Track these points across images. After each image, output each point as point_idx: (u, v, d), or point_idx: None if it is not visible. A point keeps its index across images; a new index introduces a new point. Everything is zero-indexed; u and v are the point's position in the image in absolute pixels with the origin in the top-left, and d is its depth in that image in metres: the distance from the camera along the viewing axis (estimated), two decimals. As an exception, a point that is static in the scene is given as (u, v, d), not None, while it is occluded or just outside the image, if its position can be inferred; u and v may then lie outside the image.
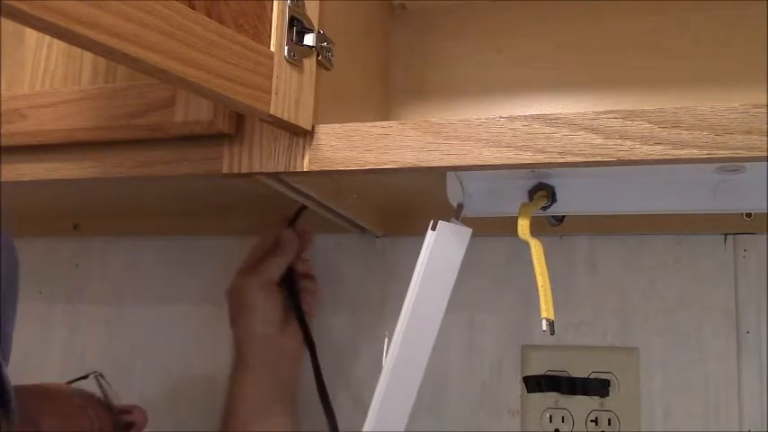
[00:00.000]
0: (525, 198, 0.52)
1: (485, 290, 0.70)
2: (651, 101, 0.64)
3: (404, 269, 0.74)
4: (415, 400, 0.49)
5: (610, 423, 0.64)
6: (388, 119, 0.70)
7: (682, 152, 0.40)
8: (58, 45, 0.55)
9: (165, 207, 0.80)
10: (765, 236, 0.64)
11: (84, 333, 0.85)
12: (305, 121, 0.47)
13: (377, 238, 0.75)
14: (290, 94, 0.45)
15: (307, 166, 0.48)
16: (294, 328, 0.68)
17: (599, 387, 0.65)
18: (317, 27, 0.48)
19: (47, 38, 0.54)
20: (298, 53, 0.46)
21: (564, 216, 0.57)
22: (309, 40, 0.47)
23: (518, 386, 0.68)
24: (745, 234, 0.65)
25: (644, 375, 0.65)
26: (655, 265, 0.66)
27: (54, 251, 0.87)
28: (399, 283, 0.74)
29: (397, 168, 0.45)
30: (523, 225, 0.47)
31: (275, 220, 0.69)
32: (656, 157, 0.41)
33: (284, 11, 0.45)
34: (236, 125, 0.50)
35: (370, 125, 0.46)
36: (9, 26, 0.55)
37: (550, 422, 0.66)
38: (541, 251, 0.45)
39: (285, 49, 0.45)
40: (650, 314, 0.66)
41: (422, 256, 0.48)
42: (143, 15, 0.35)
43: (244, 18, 0.42)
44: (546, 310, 0.44)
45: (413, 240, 0.47)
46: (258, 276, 0.66)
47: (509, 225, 0.49)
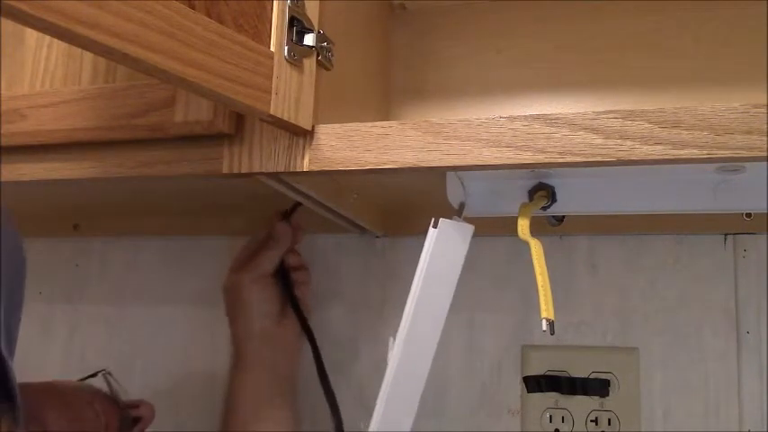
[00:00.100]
0: (525, 198, 0.52)
1: (485, 290, 0.70)
2: (651, 101, 0.64)
3: (404, 269, 0.75)
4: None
5: (610, 423, 0.64)
6: (388, 119, 0.70)
7: (682, 152, 0.40)
8: (58, 45, 0.55)
9: (165, 207, 0.80)
10: (765, 236, 0.64)
11: (84, 333, 0.85)
12: (305, 121, 0.47)
13: (377, 238, 0.75)
14: (290, 94, 0.45)
15: (307, 166, 0.48)
16: (291, 319, 0.67)
17: (599, 387, 0.65)
18: (317, 27, 0.48)
19: (47, 38, 0.54)
20: (298, 53, 0.46)
21: (564, 216, 0.57)
22: (309, 40, 0.47)
23: (518, 386, 0.68)
24: (745, 234, 0.65)
25: (644, 375, 0.65)
26: (655, 265, 0.66)
27: (54, 251, 0.87)
28: (399, 283, 0.74)
29: (397, 168, 0.45)
30: (523, 225, 0.47)
31: (271, 218, 0.69)
32: (656, 157, 0.41)
33: (284, 11, 0.45)
34: (236, 125, 0.50)
35: (370, 125, 0.46)
36: (9, 26, 0.55)
37: (550, 422, 0.66)
38: (541, 251, 0.45)
39: (285, 49, 0.45)
40: (650, 314, 0.66)
41: (424, 253, 0.47)
42: (143, 15, 0.35)
43: (244, 18, 0.42)
44: (546, 310, 0.44)
45: (413, 240, 0.47)
46: (252, 271, 0.65)
47: (509, 225, 0.49)
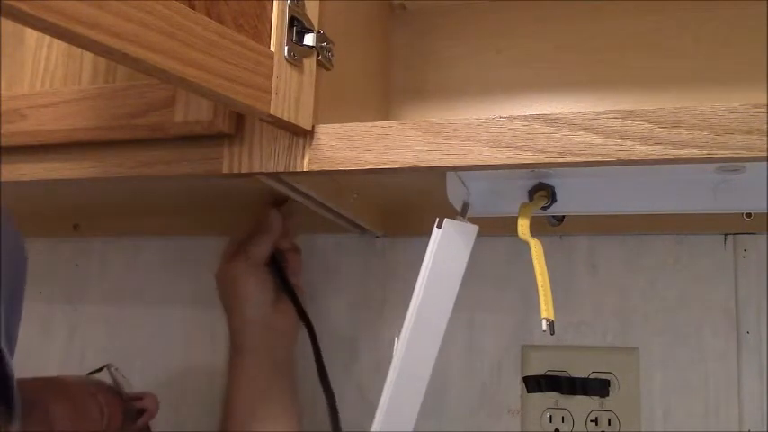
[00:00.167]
0: (525, 198, 0.52)
1: (485, 290, 0.70)
2: (651, 101, 0.64)
3: (404, 269, 0.75)
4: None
5: (610, 423, 0.64)
6: (388, 119, 0.70)
7: (682, 152, 0.40)
8: (58, 45, 0.54)
9: (165, 207, 0.80)
10: (765, 236, 0.64)
11: (84, 333, 0.85)
12: (305, 121, 0.47)
13: (377, 238, 0.75)
14: (290, 94, 0.45)
15: (307, 166, 0.48)
16: (286, 305, 0.67)
17: (599, 387, 0.65)
18: (317, 27, 0.48)
19: (47, 38, 0.54)
20: (298, 53, 0.46)
21: (564, 216, 0.57)
22: (309, 40, 0.47)
23: (518, 386, 0.68)
24: (745, 234, 0.65)
25: (644, 375, 0.65)
26: (655, 265, 0.66)
27: (54, 251, 0.87)
28: (399, 283, 0.74)
29: (397, 168, 0.45)
30: (523, 225, 0.47)
31: (263, 206, 0.68)
32: (656, 157, 0.41)
33: (284, 11, 0.45)
34: (236, 125, 0.50)
35: (370, 125, 0.46)
36: (9, 26, 0.55)
37: (550, 422, 0.66)
38: (541, 251, 0.45)
39: (285, 49, 0.45)
40: (650, 314, 0.66)
41: (428, 254, 0.47)
42: (143, 15, 0.35)
43: (244, 18, 0.42)
44: (546, 310, 0.44)
45: (413, 240, 0.47)
46: (245, 260, 0.64)
47: (509, 225, 0.49)
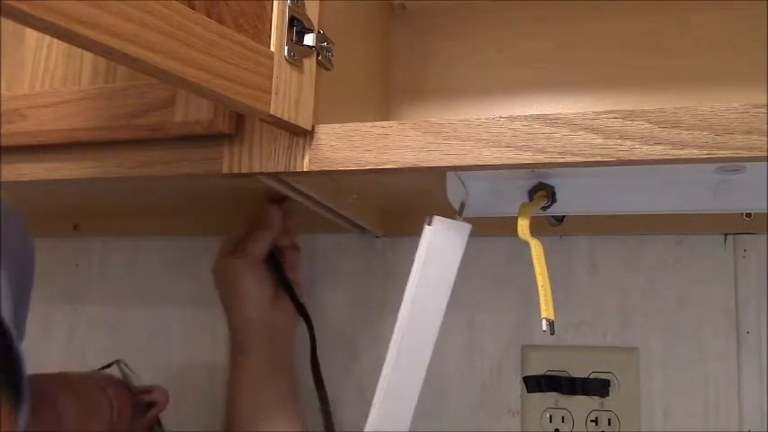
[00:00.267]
0: (525, 198, 0.52)
1: (485, 290, 0.70)
2: (651, 101, 0.64)
3: (404, 269, 0.73)
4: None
5: (610, 423, 0.64)
6: (388, 119, 0.70)
7: (682, 152, 0.40)
8: (58, 45, 0.54)
9: (165, 207, 0.80)
10: (765, 236, 0.64)
11: (85, 333, 0.85)
12: (305, 121, 0.47)
13: (377, 238, 0.75)
14: (290, 94, 0.45)
15: (307, 166, 0.48)
16: (285, 302, 0.67)
17: (599, 387, 0.65)
18: (316, 27, 0.48)
19: (47, 38, 0.54)
20: (298, 53, 0.46)
21: (564, 216, 0.57)
22: (309, 40, 0.47)
23: (518, 386, 0.68)
24: (745, 234, 0.65)
25: (644, 375, 0.65)
26: (655, 265, 0.66)
27: (54, 251, 0.87)
28: (399, 283, 0.73)
29: (397, 168, 0.45)
30: (523, 225, 0.47)
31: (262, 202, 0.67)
32: (656, 157, 0.41)
33: (284, 11, 0.45)
34: (236, 125, 0.50)
35: (370, 125, 0.46)
36: (9, 26, 0.55)
37: (550, 422, 0.66)
38: (541, 251, 0.45)
39: (285, 49, 0.45)
40: (650, 314, 0.66)
41: (419, 252, 0.48)
42: (143, 15, 0.35)
43: (244, 18, 0.42)
44: (546, 310, 0.44)
45: (413, 240, 0.47)
46: (243, 256, 0.64)
47: (509, 225, 0.49)
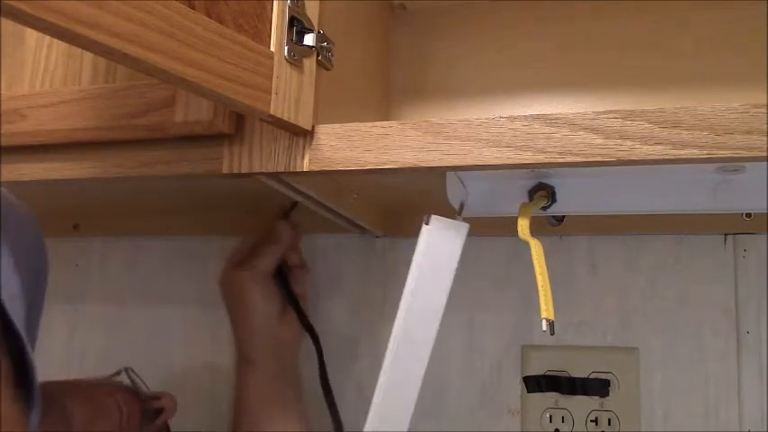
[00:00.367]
0: (525, 198, 0.52)
1: (485, 290, 0.70)
2: (651, 101, 0.64)
3: (404, 269, 0.73)
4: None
5: (610, 423, 0.64)
6: (388, 119, 0.70)
7: (682, 152, 0.40)
8: (58, 45, 0.54)
9: (165, 207, 0.80)
10: (765, 236, 0.64)
11: (84, 333, 0.85)
12: (305, 121, 0.47)
13: (377, 238, 0.75)
14: (290, 94, 0.45)
15: (307, 166, 0.48)
16: (291, 316, 0.67)
17: (599, 387, 0.65)
18: (316, 27, 0.48)
19: (47, 38, 0.54)
20: (298, 53, 0.46)
21: (564, 216, 0.57)
22: (309, 40, 0.47)
23: (518, 386, 0.68)
24: (745, 234, 0.65)
25: (644, 375, 0.65)
26: (655, 265, 0.66)
27: (54, 251, 0.87)
28: (399, 283, 0.73)
29: (397, 168, 0.45)
30: (523, 225, 0.47)
31: (272, 217, 0.68)
32: (656, 157, 0.41)
33: (284, 11, 0.45)
34: (236, 125, 0.50)
35: (370, 125, 0.46)
36: (9, 26, 0.55)
37: (550, 422, 0.66)
38: (541, 251, 0.45)
39: (285, 49, 0.45)
40: (650, 314, 0.66)
41: (417, 251, 0.48)
42: (143, 15, 0.35)
43: (244, 18, 0.42)
44: (546, 310, 0.44)
45: (413, 240, 0.47)
46: (252, 269, 0.64)
47: (509, 225, 0.49)
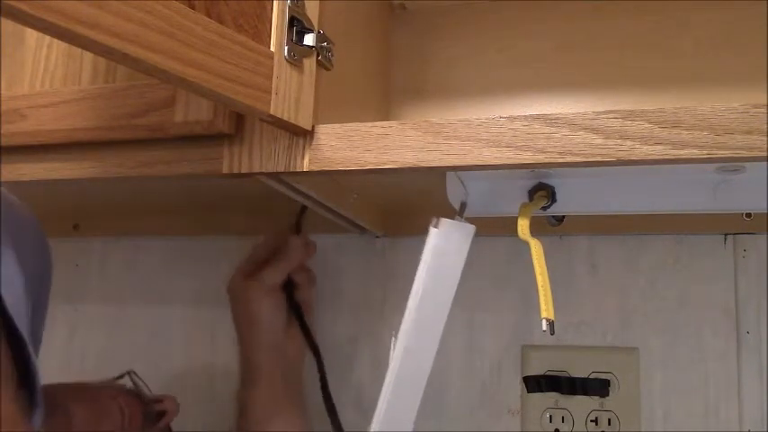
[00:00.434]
0: (525, 198, 0.52)
1: (485, 290, 0.70)
2: (651, 101, 0.64)
3: (404, 269, 0.75)
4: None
5: (610, 423, 0.64)
6: (388, 119, 0.70)
7: (682, 152, 0.40)
8: (58, 45, 0.54)
9: (165, 207, 0.80)
10: (765, 236, 0.64)
11: (84, 333, 0.85)
12: (305, 121, 0.47)
13: (377, 238, 0.75)
14: (290, 94, 0.45)
15: (307, 166, 0.48)
16: (296, 329, 0.68)
17: (599, 387, 0.65)
18: (316, 27, 0.48)
19: (47, 38, 0.54)
20: (298, 53, 0.46)
21: (564, 216, 0.56)
22: (309, 40, 0.47)
23: (518, 386, 0.68)
24: (745, 234, 0.65)
25: (644, 375, 0.65)
26: (655, 265, 0.66)
27: (54, 251, 0.87)
28: (399, 283, 0.74)
29: (397, 168, 0.45)
30: (523, 225, 0.47)
31: (281, 231, 0.68)
32: (656, 157, 0.41)
33: (284, 11, 0.45)
34: (236, 125, 0.50)
35: (370, 125, 0.46)
36: (9, 26, 0.55)
37: (550, 422, 0.66)
38: (541, 251, 0.45)
39: (285, 49, 0.45)
40: (650, 314, 0.66)
41: (425, 253, 0.47)
42: (143, 15, 0.35)
43: (244, 18, 0.42)
44: (546, 310, 0.44)
45: (413, 240, 0.47)
46: (263, 282, 0.64)
47: (509, 225, 0.49)
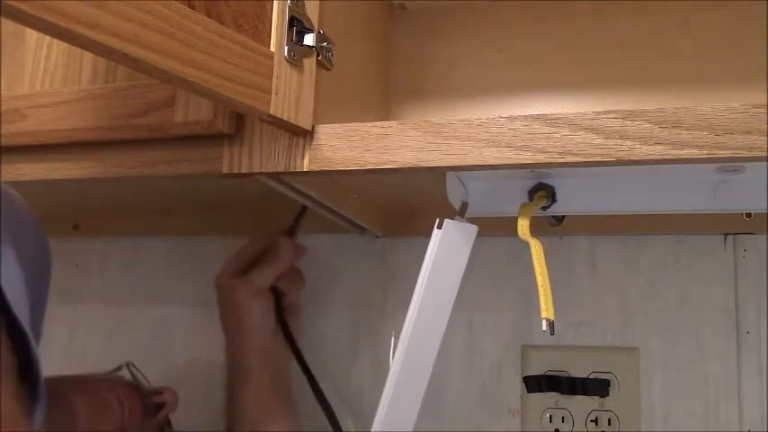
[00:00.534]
0: (525, 198, 0.52)
1: (485, 290, 0.70)
2: (651, 101, 0.64)
3: (404, 269, 0.75)
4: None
5: (610, 423, 0.64)
6: (388, 119, 0.70)
7: (682, 152, 0.40)
8: (58, 45, 0.54)
9: (165, 207, 0.80)
10: (765, 236, 0.64)
11: (84, 333, 0.85)
12: (305, 121, 0.47)
13: (377, 238, 0.75)
14: (290, 94, 0.45)
15: (307, 166, 0.48)
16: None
17: (599, 387, 0.65)
18: (316, 27, 0.48)
19: (47, 38, 0.54)
20: (298, 53, 0.46)
21: (564, 216, 0.56)
22: (309, 40, 0.47)
23: (518, 386, 0.68)
24: (745, 234, 0.65)
25: (644, 375, 0.65)
26: (655, 265, 0.66)
27: (54, 251, 0.87)
28: (399, 283, 0.74)
29: (397, 168, 0.45)
30: (523, 225, 0.47)
31: (270, 231, 0.67)
32: (656, 157, 0.41)
33: (284, 11, 0.45)
34: (236, 125, 0.50)
35: (370, 125, 0.46)
36: (9, 26, 0.55)
37: (550, 422, 0.66)
38: (541, 251, 0.45)
39: (285, 49, 0.45)
40: (650, 314, 0.66)
41: (428, 255, 0.47)
42: (143, 15, 0.35)
43: (244, 18, 0.42)
44: (546, 310, 0.44)
45: (413, 240, 0.47)
46: (252, 283, 0.64)
47: (509, 225, 0.49)
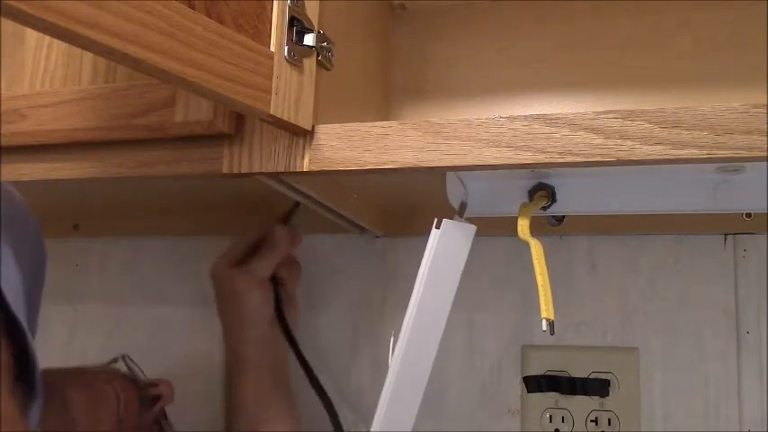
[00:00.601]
0: (525, 198, 0.52)
1: (485, 290, 0.70)
2: (651, 101, 0.64)
3: (404, 269, 0.75)
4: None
5: (610, 423, 0.64)
6: (388, 119, 0.70)
7: (682, 152, 0.40)
8: (58, 45, 0.54)
9: (165, 207, 0.80)
10: (765, 236, 0.64)
11: (84, 333, 0.85)
12: (305, 121, 0.47)
13: (377, 238, 0.75)
14: (290, 94, 0.45)
15: (307, 166, 0.48)
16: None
17: (599, 387, 0.65)
18: (316, 27, 0.48)
19: (47, 38, 0.54)
20: (298, 53, 0.46)
21: (564, 216, 0.57)
22: (309, 40, 0.47)
23: (518, 386, 0.68)
24: (745, 234, 0.65)
25: (644, 375, 0.65)
26: (655, 265, 0.66)
27: (54, 251, 0.87)
28: (399, 283, 0.74)
29: (397, 168, 0.45)
30: (523, 225, 0.47)
31: (266, 222, 0.67)
32: (656, 157, 0.41)
33: (284, 11, 0.45)
34: (236, 125, 0.50)
35: (370, 125, 0.46)
36: (9, 26, 0.55)
37: (550, 422, 0.66)
38: (541, 251, 0.45)
39: (285, 49, 0.45)
40: (650, 314, 0.66)
41: (426, 254, 0.47)
42: (143, 15, 0.35)
43: (244, 18, 0.42)
44: (546, 310, 0.44)
45: (413, 240, 0.47)
46: (250, 274, 0.64)
47: (509, 225, 0.49)
